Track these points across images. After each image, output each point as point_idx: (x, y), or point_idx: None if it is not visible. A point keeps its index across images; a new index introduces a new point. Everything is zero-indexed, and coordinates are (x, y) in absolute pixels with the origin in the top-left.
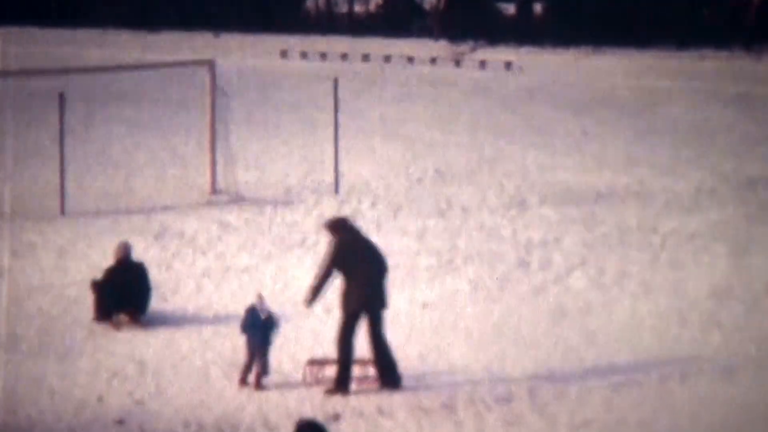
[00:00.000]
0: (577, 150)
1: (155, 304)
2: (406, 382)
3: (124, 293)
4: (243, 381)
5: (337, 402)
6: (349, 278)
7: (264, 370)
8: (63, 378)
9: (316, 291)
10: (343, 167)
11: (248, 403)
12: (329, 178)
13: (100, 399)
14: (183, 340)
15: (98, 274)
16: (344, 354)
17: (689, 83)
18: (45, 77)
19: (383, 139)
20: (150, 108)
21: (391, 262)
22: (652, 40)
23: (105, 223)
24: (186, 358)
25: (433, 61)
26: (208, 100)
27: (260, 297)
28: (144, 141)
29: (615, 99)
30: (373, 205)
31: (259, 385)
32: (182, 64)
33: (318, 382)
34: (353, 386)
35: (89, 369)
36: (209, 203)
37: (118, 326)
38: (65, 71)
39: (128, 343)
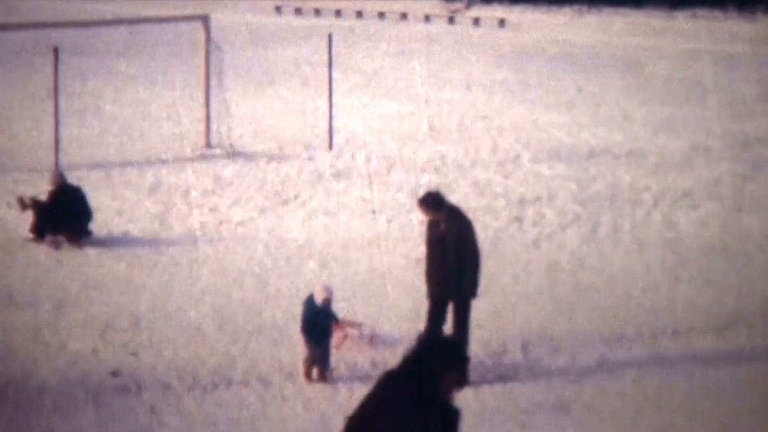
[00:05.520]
0: (570, 107)
1: (149, 255)
2: (397, 337)
3: (62, 215)
4: (308, 375)
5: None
6: None
7: (324, 364)
8: (57, 330)
9: None
10: (337, 123)
11: (241, 356)
12: (323, 133)
13: (94, 351)
14: (177, 292)
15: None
16: None
17: (683, 42)
18: (39, 30)
19: (377, 95)
20: (144, 62)
21: (384, 217)
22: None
23: (99, 176)
24: (180, 310)
25: (427, 18)
26: (202, 55)
27: (327, 289)
28: (138, 95)
29: (609, 57)
30: (367, 160)
31: (323, 378)
32: (177, 18)
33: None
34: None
35: (83, 321)
36: (203, 157)
37: (56, 246)
38: (59, 25)
39: (122, 294)
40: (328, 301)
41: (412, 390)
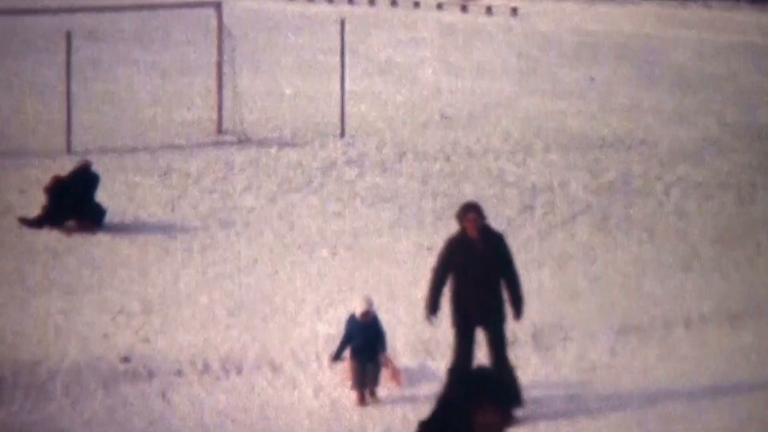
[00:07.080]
0: (582, 97)
1: (160, 241)
2: (410, 323)
3: (74, 201)
4: (362, 399)
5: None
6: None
7: (375, 382)
8: (68, 315)
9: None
10: (349, 110)
11: (252, 343)
12: (335, 120)
13: (105, 336)
14: (188, 278)
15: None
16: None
17: (695, 32)
18: (52, 16)
19: (389, 83)
20: (157, 48)
21: (395, 205)
22: None
23: (111, 161)
24: (191, 296)
25: (440, 6)
26: (215, 42)
27: (366, 300)
28: (151, 81)
29: (621, 46)
30: (379, 148)
31: (374, 396)
32: (190, 5)
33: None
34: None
35: (94, 306)
36: (215, 143)
37: (68, 232)
38: (72, 10)
39: (133, 280)
40: (368, 313)
41: None
